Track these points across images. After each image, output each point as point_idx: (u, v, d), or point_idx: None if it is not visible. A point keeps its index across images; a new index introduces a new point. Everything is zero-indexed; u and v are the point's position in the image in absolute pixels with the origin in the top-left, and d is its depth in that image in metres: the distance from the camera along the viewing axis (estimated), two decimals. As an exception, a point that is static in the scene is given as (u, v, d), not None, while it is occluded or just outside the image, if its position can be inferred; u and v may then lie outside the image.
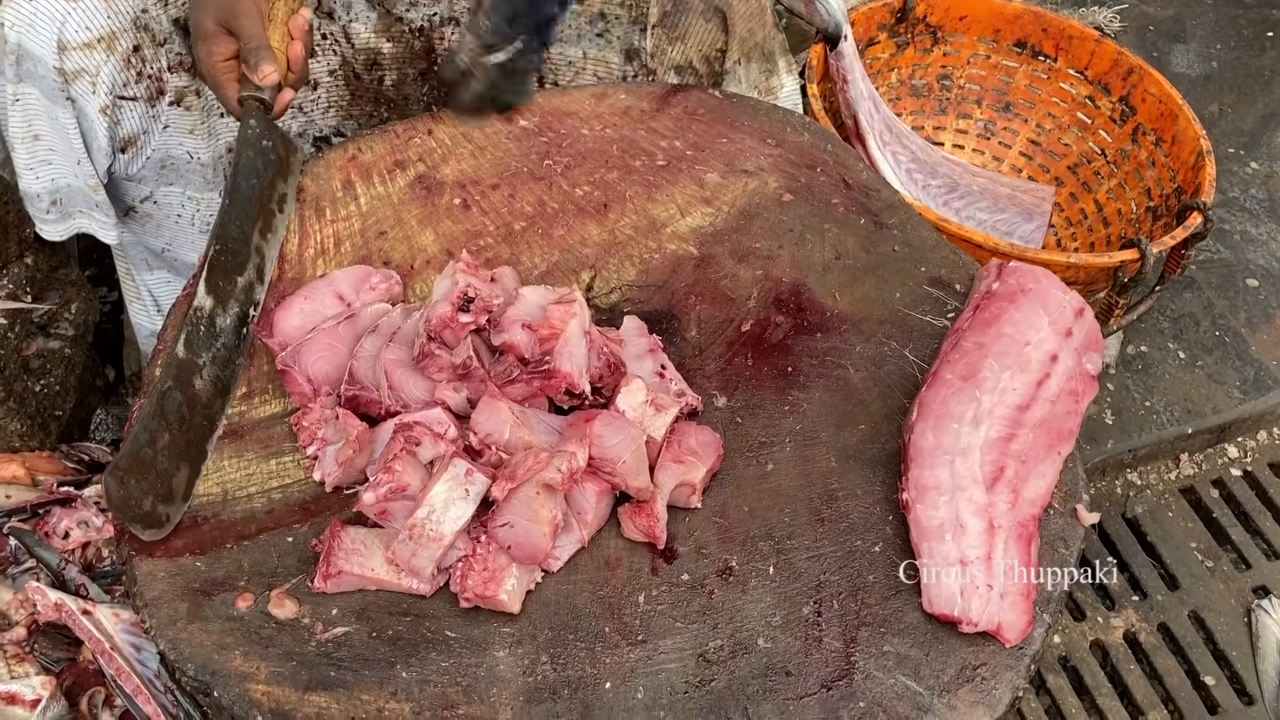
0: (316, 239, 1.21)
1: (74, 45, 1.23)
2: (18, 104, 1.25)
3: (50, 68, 1.23)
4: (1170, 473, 1.86)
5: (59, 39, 1.22)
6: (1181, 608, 1.69)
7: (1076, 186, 2.02)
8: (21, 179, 1.31)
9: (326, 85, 1.47)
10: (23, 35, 1.21)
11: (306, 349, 1.05)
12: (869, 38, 1.99)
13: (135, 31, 1.28)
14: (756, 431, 1.06)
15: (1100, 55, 1.97)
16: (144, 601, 0.95)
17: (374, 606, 0.94)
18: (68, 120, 1.28)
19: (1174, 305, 2.00)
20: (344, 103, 1.49)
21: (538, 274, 1.19)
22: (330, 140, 1.53)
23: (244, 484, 1.02)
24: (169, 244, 1.52)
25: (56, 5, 1.20)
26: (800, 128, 1.35)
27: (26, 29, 1.21)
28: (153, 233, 1.50)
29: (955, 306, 1.16)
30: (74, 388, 1.56)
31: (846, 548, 0.98)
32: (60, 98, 1.26)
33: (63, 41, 1.22)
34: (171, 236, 1.50)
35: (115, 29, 1.25)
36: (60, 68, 1.23)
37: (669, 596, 0.95)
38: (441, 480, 0.92)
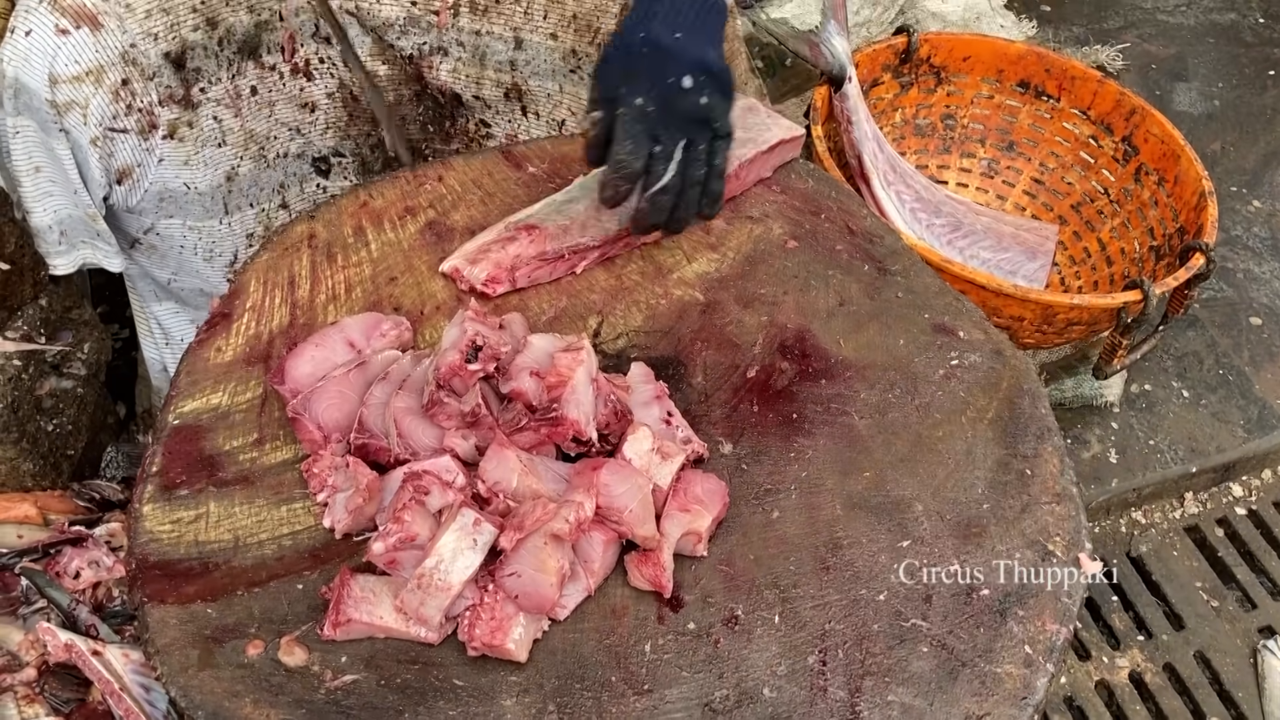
0: (328, 285, 1.23)
1: (64, 78, 1.26)
2: (18, 136, 1.28)
3: (43, 100, 1.26)
4: (1175, 511, 1.86)
5: (50, 72, 1.26)
6: (1187, 648, 1.69)
7: (1080, 225, 2.04)
8: (32, 214, 1.33)
9: (324, 107, 1.50)
10: (19, 69, 1.24)
11: (317, 396, 1.06)
12: (873, 78, 2.01)
13: (123, 65, 1.30)
14: (762, 479, 1.07)
15: (1103, 96, 1.99)
16: (155, 648, 0.95)
17: (382, 654, 0.95)
18: (63, 151, 1.31)
19: (1177, 344, 2.01)
20: (342, 123, 1.51)
21: (546, 319, 1.20)
22: (329, 160, 1.55)
23: (255, 530, 1.03)
24: (175, 274, 1.54)
25: (48, 40, 1.24)
26: (804, 174, 1.37)
27: (22, 63, 1.24)
28: (158, 264, 1.53)
29: (958, 353, 1.17)
30: (86, 426, 1.58)
31: (851, 596, 0.99)
32: (54, 129, 1.29)
33: (54, 75, 1.26)
34: (177, 266, 1.52)
35: (103, 62, 1.28)
36: (52, 100, 1.27)
37: (675, 645, 0.96)
38: (450, 530, 0.93)
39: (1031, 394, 1.14)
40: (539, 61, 1.50)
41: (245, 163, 1.46)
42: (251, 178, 1.48)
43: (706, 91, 1.18)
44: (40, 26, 1.24)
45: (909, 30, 1.99)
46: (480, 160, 1.38)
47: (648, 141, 1.16)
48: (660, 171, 1.16)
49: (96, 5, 1.27)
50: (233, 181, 1.47)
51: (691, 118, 1.18)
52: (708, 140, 1.19)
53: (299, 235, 1.28)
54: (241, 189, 1.48)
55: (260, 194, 1.51)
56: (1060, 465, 1.09)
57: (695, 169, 1.18)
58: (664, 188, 1.17)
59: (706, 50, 1.20)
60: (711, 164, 1.19)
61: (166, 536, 1.03)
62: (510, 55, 1.49)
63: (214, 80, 1.39)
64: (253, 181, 1.48)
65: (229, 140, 1.43)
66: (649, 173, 1.16)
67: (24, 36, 1.24)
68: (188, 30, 1.34)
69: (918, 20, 2.39)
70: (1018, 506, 1.05)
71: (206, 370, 1.15)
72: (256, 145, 1.46)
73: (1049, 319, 1.70)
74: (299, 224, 1.29)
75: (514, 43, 1.48)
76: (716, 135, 1.19)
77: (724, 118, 1.20)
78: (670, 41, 1.17)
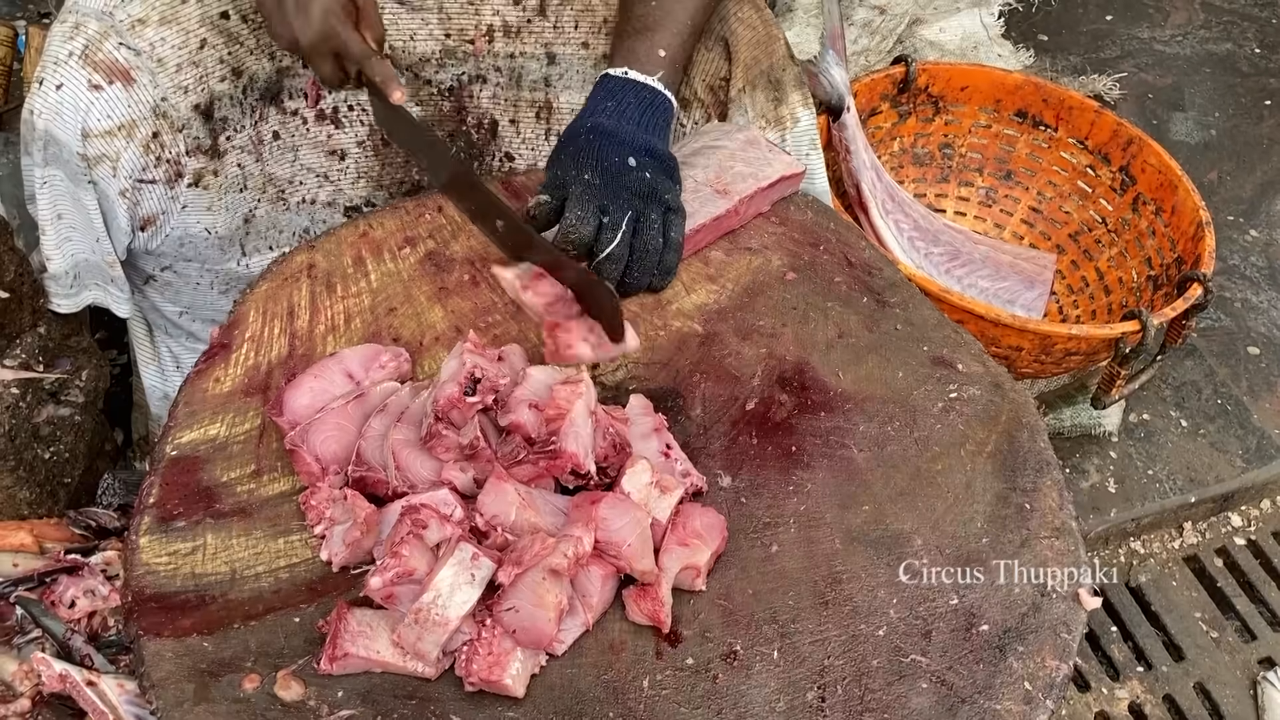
0: (327, 315, 1.23)
1: (96, 133, 1.26)
2: (45, 186, 1.28)
3: (74, 153, 1.26)
4: (1174, 541, 1.86)
5: (83, 127, 1.25)
6: (1187, 679, 1.68)
7: (1078, 254, 2.04)
8: (51, 261, 1.34)
9: (355, 156, 1.50)
10: (50, 123, 1.24)
11: (315, 429, 1.06)
12: (871, 108, 2.02)
13: (154, 119, 1.30)
14: (761, 512, 1.07)
15: (1100, 125, 2.00)
16: (151, 682, 0.95)
17: (379, 689, 0.95)
18: (89, 202, 1.31)
19: (1175, 373, 2.01)
20: (374, 173, 1.51)
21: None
22: (361, 210, 1.55)
23: (252, 563, 1.03)
24: (187, 308, 1.54)
25: (81, 95, 1.24)
26: (803, 206, 1.37)
27: (54, 117, 1.24)
28: (171, 299, 1.53)
29: (957, 386, 1.17)
30: (83, 454, 1.57)
31: (850, 631, 0.98)
32: (83, 180, 1.29)
33: (86, 129, 1.26)
34: (190, 301, 1.53)
35: (135, 117, 1.28)
36: (84, 153, 1.27)
37: (673, 681, 0.95)
38: (448, 565, 0.93)
39: (1030, 427, 1.14)
40: (571, 74, 1.51)
41: (263, 205, 1.46)
42: (270, 220, 1.48)
43: (650, 169, 1.24)
44: (72, 81, 1.24)
45: (907, 60, 2.00)
46: (480, 191, 1.38)
47: (595, 213, 1.20)
48: (607, 240, 1.20)
49: (129, 60, 1.27)
50: (250, 224, 1.47)
51: (636, 192, 1.23)
52: (660, 214, 1.23)
53: (298, 265, 1.28)
54: (259, 231, 1.48)
55: (280, 237, 1.51)
56: (1059, 499, 1.09)
57: (650, 239, 1.22)
58: (609, 256, 1.20)
59: (650, 138, 1.27)
60: (667, 236, 1.24)
61: (163, 568, 1.02)
62: (544, 72, 1.50)
63: (239, 128, 1.39)
64: (271, 224, 1.48)
65: (249, 184, 1.43)
66: (597, 241, 1.20)
67: (54, 90, 1.24)
68: (215, 81, 1.34)
69: (915, 50, 2.41)
70: (1017, 541, 1.05)
71: (205, 401, 1.15)
72: (276, 188, 1.46)
73: (1047, 349, 1.70)
74: (298, 254, 1.29)
75: (547, 59, 1.49)
76: (669, 209, 1.24)
77: (671, 194, 1.25)
78: (615, 128, 1.26)
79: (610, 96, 1.29)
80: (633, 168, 1.23)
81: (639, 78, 1.30)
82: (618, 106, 1.28)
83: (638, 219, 1.22)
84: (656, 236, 1.22)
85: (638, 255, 1.22)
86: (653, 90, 1.30)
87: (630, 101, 1.28)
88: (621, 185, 1.22)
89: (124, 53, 1.26)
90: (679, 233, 1.24)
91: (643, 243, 1.22)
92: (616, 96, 1.29)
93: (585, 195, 1.20)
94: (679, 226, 1.25)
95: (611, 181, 1.22)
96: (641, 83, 1.30)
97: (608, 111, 1.27)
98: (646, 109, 1.29)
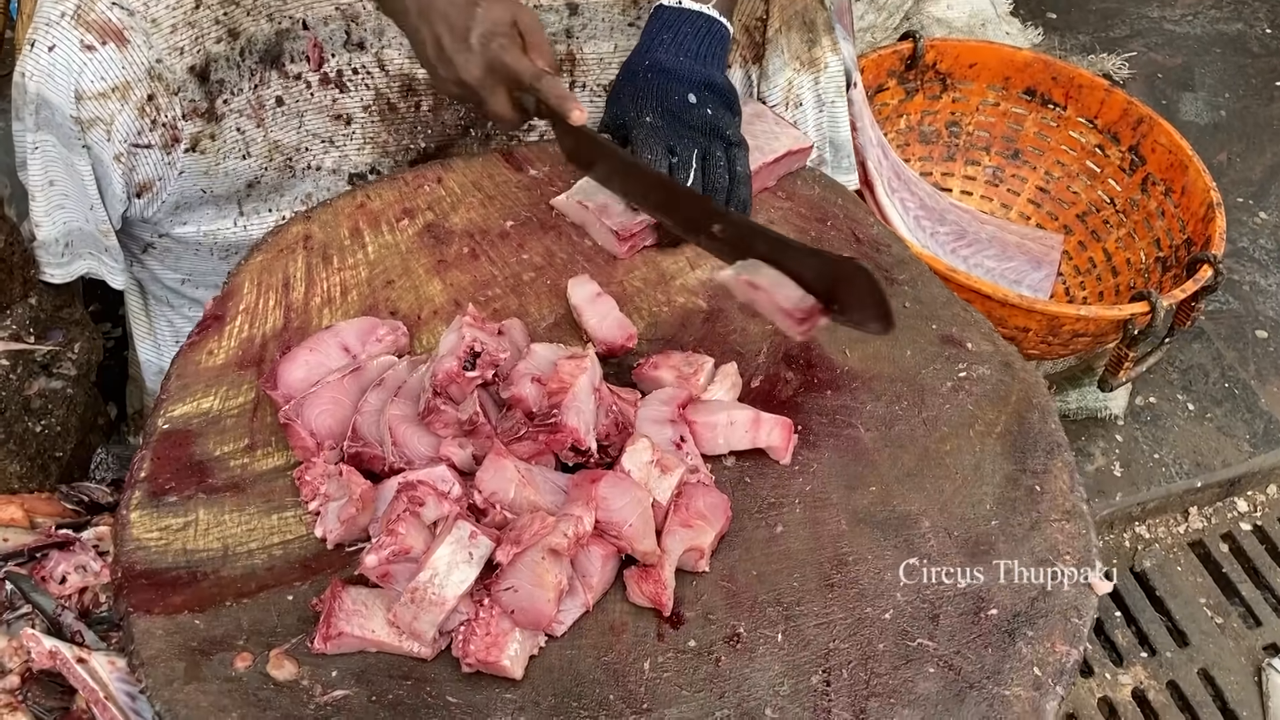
0: (323, 288, 1.20)
1: (90, 95, 1.24)
2: (37, 151, 1.26)
3: (67, 116, 1.24)
4: (1179, 526, 1.84)
5: (76, 89, 1.23)
6: (1191, 665, 1.67)
7: (1085, 235, 2.02)
8: (40, 228, 1.31)
9: (360, 121, 1.46)
10: (41, 85, 1.21)
11: (310, 403, 1.03)
12: (878, 84, 1.99)
13: (149, 81, 1.28)
14: (765, 492, 1.04)
15: (1110, 104, 1.97)
16: (140, 660, 0.93)
17: (374, 669, 0.92)
18: (83, 167, 1.28)
19: (1183, 356, 1.99)
20: (380, 139, 1.48)
21: (546, 326, 1.18)
22: (366, 177, 1.52)
23: (245, 539, 1.01)
24: (189, 275, 1.51)
25: (74, 56, 1.21)
26: (811, 181, 1.35)
27: (45, 79, 1.21)
28: (172, 265, 1.50)
29: (966, 366, 1.15)
30: (75, 428, 1.55)
31: (856, 615, 0.96)
32: (76, 145, 1.26)
33: (80, 91, 1.23)
34: (191, 268, 1.50)
35: (129, 79, 1.25)
36: (77, 117, 1.24)
37: (675, 663, 0.93)
38: (445, 543, 0.90)
39: (1041, 408, 1.11)
40: (596, 23, 1.48)
41: (270, 173, 1.44)
42: (274, 185, 1.45)
43: (711, 105, 1.24)
44: (64, 42, 1.21)
45: (915, 36, 1.97)
46: (480, 162, 1.35)
47: (665, 153, 1.21)
48: (682, 180, 1.20)
49: (123, 21, 1.24)
50: (253, 188, 1.44)
51: (699, 130, 1.23)
52: (723, 149, 1.24)
53: (294, 236, 1.25)
54: (261, 195, 1.45)
55: (281, 200, 1.48)
56: (1070, 481, 1.06)
57: (717, 177, 1.22)
58: None
59: (710, 70, 1.26)
60: (733, 171, 1.23)
61: (154, 544, 1.00)
62: (565, 24, 1.47)
63: (236, 91, 1.36)
64: (274, 189, 1.45)
65: (253, 151, 1.40)
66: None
67: (46, 52, 1.21)
68: (211, 43, 1.31)
69: (923, 26, 2.37)
70: (1027, 523, 1.03)
71: (198, 374, 1.13)
72: (283, 156, 1.43)
73: (1054, 330, 1.67)
74: (294, 225, 1.27)
75: (568, 10, 1.45)
76: (730, 144, 1.24)
77: (732, 128, 1.25)
78: (674, 64, 1.25)
79: (666, 28, 1.28)
80: (693, 105, 1.23)
81: (694, 6, 1.29)
82: (674, 39, 1.27)
83: (703, 156, 1.22)
84: (723, 174, 1.22)
85: (707, 194, 1.21)
86: (708, 19, 1.29)
87: (687, 32, 1.27)
88: (684, 124, 1.23)
89: (117, 13, 1.23)
90: (745, 166, 1.24)
91: (711, 181, 1.22)
92: (672, 28, 1.28)
93: (651, 138, 1.21)
94: (744, 160, 1.24)
95: (674, 121, 1.23)
96: (697, 11, 1.28)
97: (665, 45, 1.26)
98: (704, 39, 1.27)
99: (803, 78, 1.45)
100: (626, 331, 1.14)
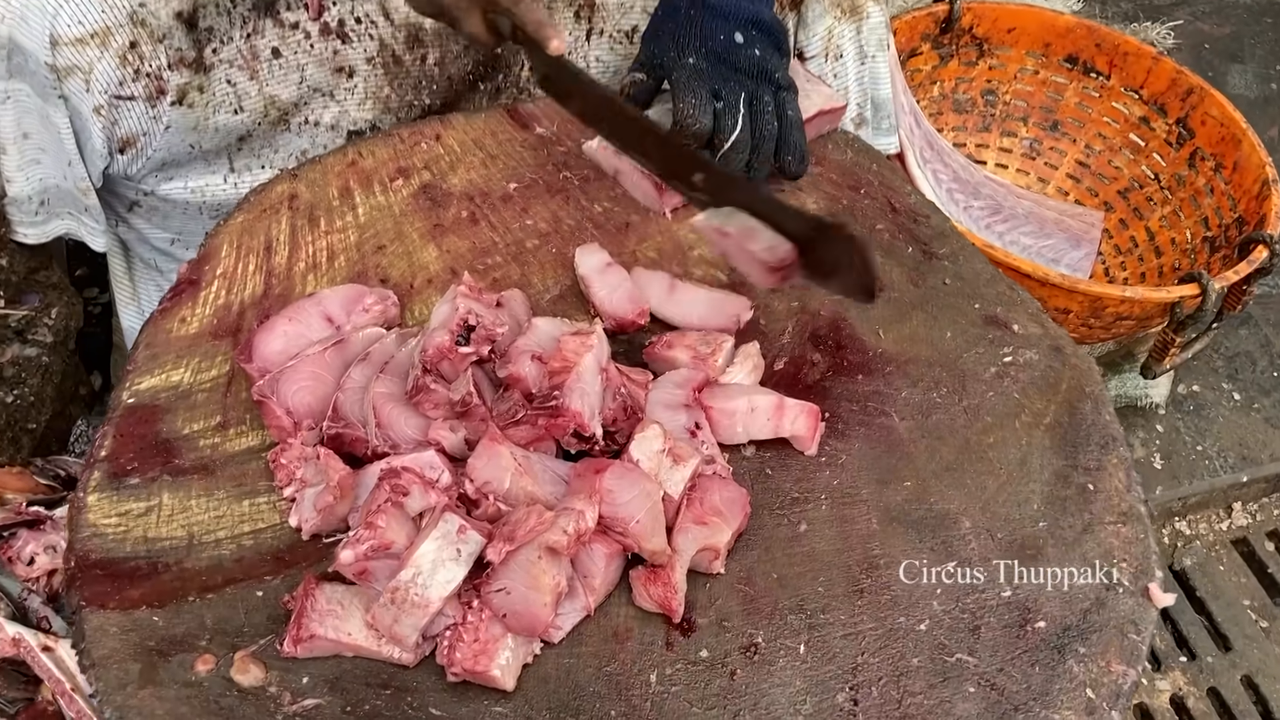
0: (308, 252, 1.11)
1: (66, 40, 1.15)
2: (9, 101, 1.17)
3: (42, 63, 1.15)
4: (1222, 523, 1.75)
5: (51, 33, 1.14)
6: (1234, 671, 1.57)
7: (1127, 212, 1.91)
8: (11, 184, 1.22)
9: (364, 74, 1.37)
10: (14, 29, 1.13)
11: (287, 378, 0.94)
12: (911, 48, 1.89)
13: (131, 27, 1.18)
14: (789, 486, 0.95)
15: (1157, 74, 1.86)
16: (91, 660, 0.84)
17: (350, 676, 0.83)
18: (60, 119, 1.20)
19: (1229, 343, 1.89)
20: (382, 94, 1.38)
21: (550, 298, 1.08)
22: (366, 135, 1.42)
23: (212, 527, 0.91)
24: (179, 234, 1.42)
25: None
26: (843, 144, 1.24)
27: (18, 22, 1.12)
28: (160, 224, 1.42)
29: (1012, 349, 1.04)
30: (51, 398, 1.46)
31: (888, 625, 0.87)
32: (52, 95, 1.18)
33: (55, 36, 1.14)
34: (181, 227, 1.41)
35: (110, 24, 1.16)
36: (52, 64, 1.15)
37: (685, 676, 0.84)
38: (430, 538, 0.81)
39: (1095, 398, 1.01)
40: None
41: (263, 127, 1.34)
42: (266, 139, 1.36)
43: (759, 44, 1.15)
44: None
45: (951, -3, 1.86)
46: (483, 119, 1.25)
47: (709, 98, 1.10)
48: (728, 128, 1.10)
49: None
50: (245, 142, 1.35)
51: (746, 72, 1.14)
52: (772, 94, 1.14)
53: (279, 196, 1.16)
54: (253, 150, 1.36)
55: (275, 156, 1.38)
56: (1127, 479, 0.96)
57: (765, 123, 1.12)
58: (735, 144, 1.10)
59: (758, 6, 1.17)
60: (783, 116, 1.14)
61: (112, 531, 0.91)
62: None
63: (226, 39, 1.26)
64: (267, 143, 1.36)
65: (246, 106, 1.30)
66: (717, 132, 1.10)
67: None
68: None
69: (958, -12, 2.25)
70: (1078, 526, 0.93)
71: (168, 343, 1.04)
72: (279, 111, 1.34)
73: (1097, 312, 1.57)
74: (279, 183, 1.17)
75: None
76: (780, 88, 1.15)
77: (781, 70, 1.16)
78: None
79: None
80: (740, 45, 1.14)
81: None
82: None
83: (751, 101, 1.12)
84: (772, 120, 1.12)
85: (756, 141, 1.12)
86: None
87: None
88: (730, 66, 1.13)
89: None
90: (796, 111, 1.15)
91: (759, 128, 1.12)
92: None
93: (694, 81, 1.11)
94: (794, 104, 1.15)
95: (719, 63, 1.13)
96: None
97: None
98: None
99: (844, 27, 1.35)
100: (638, 306, 1.04)
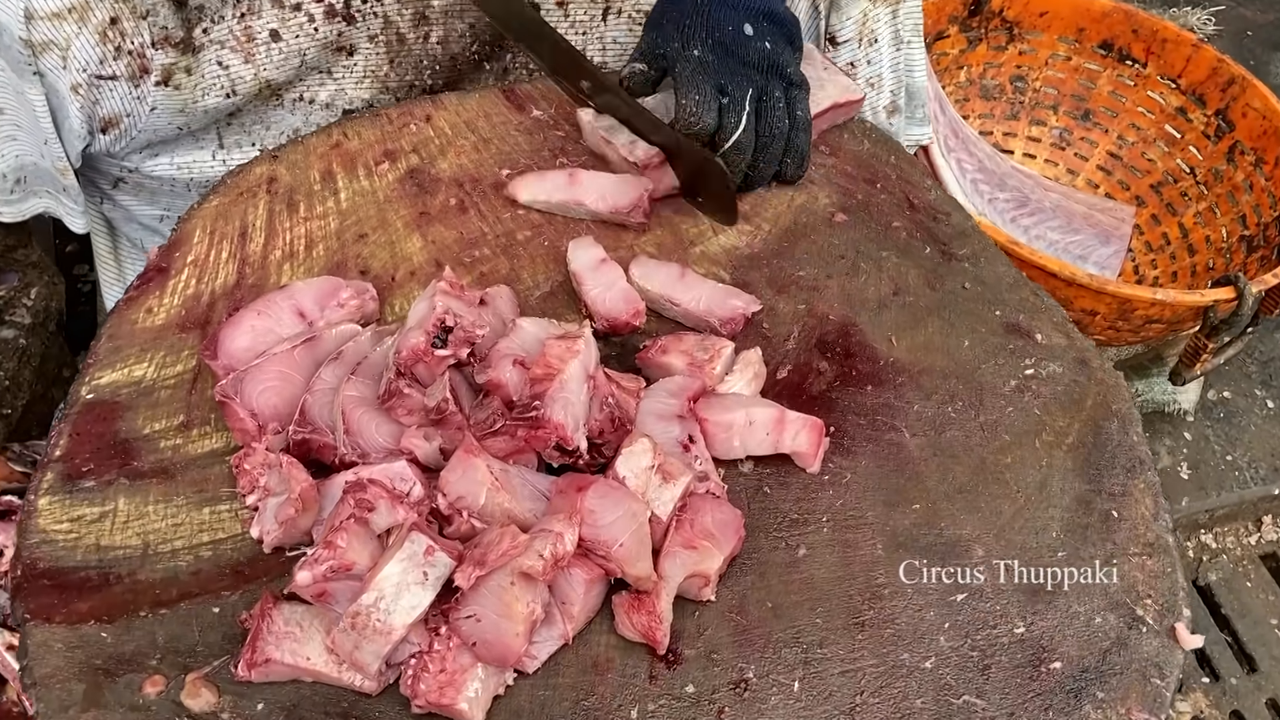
0: (285, 239, 1.04)
1: (42, 14, 1.08)
2: None
3: (16, 38, 1.08)
4: (1250, 536, 1.67)
5: (26, 6, 1.07)
6: (1259, 694, 1.50)
7: (1160, 208, 1.82)
8: None
9: (365, 52, 1.30)
10: None
11: (252, 377, 0.87)
12: (938, 30, 1.80)
13: (113, 1, 1.11)
14: (788, 506, 0.88)
15: (1197, 63, 1.77)
16: (33, 679, 0.78)
17: (308, 703, 0.77)
18: (35, 96, 1.13)
19: (1263, 348, 1.81)
20: (381, 73, 1.31)
21: (539, 295, 1.01)
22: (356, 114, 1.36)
23: (169, 536, 0.85)
24: (167, 210, 1.36)
25: None
26: (860, 134, 1.16)
27: None
28: (148, 200, 1.35)
29: (1034, 361, 0.97)
30: (29, 381, 1.40)
31: (890, 662, 0.80)
32: (27, 72, 1.11)
33: (30, 9, 1.08)
34: (169, 203, 1.35)
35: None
36: (27, 39, 1.09)
37: (668, 712, 0.77)
38: (395, 559, 0.75)
39: (1122, 417, 0.94)
40: None
41: (254, 104, 1.27)
42: (257, 115, 1.29)
43: (770, 37, 1.09)
44: None
45: (982, -23, 1.77)
46: (477, 100, 1.18)
47: (714, 95, 1.05)
48: (731, 126, 1.05)
49: None
50: (235, 118, 1.28)
51: (755, 66, 1.08)
52: (783, 89, 1.08)
53: (257, 178, 1.09)
54: (243, 126, 1.29)
55: (266, 134, 1.32)
56: (1154, 507, 0.89)
57: (775, 121, 1.07)
58: (736, 144, 1.06)
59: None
60: (793, 115, 1.08)
61: (62, 538, 0.85)
62: None
63: (217, 19, 1.19)
64: (258, 120, 1.29)
65: (239, 90, 1.24)
66: (720, 128, 1.05)
67: None
68: None
69: (989, -31, 2.16)
70: (1100, 557, 0.86)
71: (133, 335, 0.97)
72: (273, 92, 1.27)
73: (1125, 315, 1.49)
74: (258, 165, 1.10)
75: None
76: (791, 84, 1.09)
77: (793, 65, 1.10)
78: None
79: None
80: (749, 37, 1.08)
81: None
82: None
83: (759, 98, 1.07)
84: (782, 118, 1.08)
85: (763, 141, 1.08)
86: None
87: None
88: (738, 60, 1.08)
89: None
90: (805, 110, 1.10)
91: (767, 126, 1.07)
92: None
93: (698, 74, 1.06)
94: (804, 103, 1.10)
95: (725, 55, 1.07)
96: None
97: None
98: None
99: (879, 10, 1.28)
100: (633, 306, 0.97)
